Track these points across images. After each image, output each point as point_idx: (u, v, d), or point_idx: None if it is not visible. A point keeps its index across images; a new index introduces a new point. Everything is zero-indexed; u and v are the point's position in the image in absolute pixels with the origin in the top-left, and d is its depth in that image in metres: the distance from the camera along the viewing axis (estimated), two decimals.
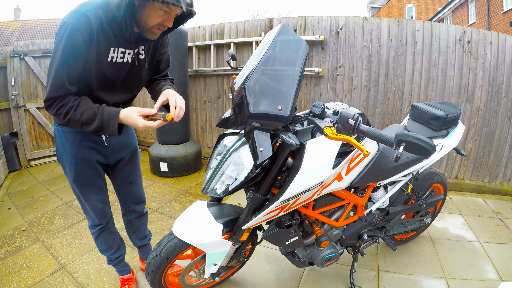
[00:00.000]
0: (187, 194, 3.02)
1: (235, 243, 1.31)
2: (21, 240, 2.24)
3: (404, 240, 2.13)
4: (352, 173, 1.31)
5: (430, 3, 20.59)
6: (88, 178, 1.37)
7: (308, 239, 1.42)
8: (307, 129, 1.22)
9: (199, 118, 4.11)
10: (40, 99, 3.95)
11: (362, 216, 1.57)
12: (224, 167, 1.15)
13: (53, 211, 2.68)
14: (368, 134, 0.95)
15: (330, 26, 3.12)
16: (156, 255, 1.32)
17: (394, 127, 1.88)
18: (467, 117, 2.91)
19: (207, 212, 1.27)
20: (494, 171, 3.00)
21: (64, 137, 1.29)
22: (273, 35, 1.08)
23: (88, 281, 1.81)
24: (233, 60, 1.59)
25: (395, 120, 3.11)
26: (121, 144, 1.45)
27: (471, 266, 1.94)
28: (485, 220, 2.53)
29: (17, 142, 3.82)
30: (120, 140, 1.44)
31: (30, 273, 1.88)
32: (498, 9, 11.15)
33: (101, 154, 1.38)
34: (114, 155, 1.44)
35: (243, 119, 1.04)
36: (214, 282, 1.66)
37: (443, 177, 1.98)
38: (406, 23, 2.90)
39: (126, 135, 1.48)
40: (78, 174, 1.33)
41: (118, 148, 1.44)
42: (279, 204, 1.10)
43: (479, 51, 2.77)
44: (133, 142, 1.54)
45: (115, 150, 1.43)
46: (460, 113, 1.72)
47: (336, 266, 1.92)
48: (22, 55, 3.73)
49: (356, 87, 3.15)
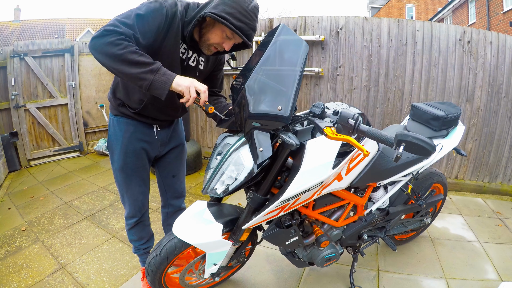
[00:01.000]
0: (187, 194, 3.02)
1: (235, 243, 1.31)
2: (21, 240, 2.24)
3: (404, 240, 2.13)
4: (352, 173, 1.31)
5: (430, 3, 20.59)
6: (134, 169, 1.42)
7: (308, 239, 1.42)
8: (307, 129, 1.22)
9: (199, 118, 4.11)
10: (40, 99, 3.96)
11: (362, 216, 1.57)
12: (224, 167, 1.15)
13: (53, 211, 2.68)
14: (368, 134, 0.95)
15: (330, 26, 3.11)
16: (156, 255, 1.32)
17: (394, 127, 1.88)
18: (467, 117, 2.91)
19: (207, 212, 1.27)
20: (494, 171, 3.00)
21: (118, 126, 1.37)
22: (273, 35, 1.08)
23: (88, 281, 1.81)
24: (233, 60, 1.58)
25: (395, 120, 3.10)
26: (170, 138, 1.53)
27: (471, 266, 1.94)
28: (485, 220, 2.53)
29: (17, 142, 3.82)
30: (169, 134, 1.52)
31: (30, 273, 1.88)
32: (498, 9, 11.15)
33: (150, 146, 1.44)
34: (162, 147, 1.51)
35: (243, 119, 1.04)
36: (214, 282, 1.66)
37: (443, 177, 1.98)
38: (406, 23, 2.90)
39: (174, 129, 1.56)
40: (126, 163, 1.40)
41: (167, 141, 1.52)
42: (279, 204, 1.10)
43: (479, 51, 2.77)
44: (181, 137, 1.62)
45: (164, 143, 1.51)
46: (460, 113, 1.72)
47: (336, 266, 1.92)
48: (22, 55, 3.73)
49: (356, 87, 3.15)
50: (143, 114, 1.36)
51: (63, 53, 4.02)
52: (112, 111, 1.39)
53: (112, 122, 1.39)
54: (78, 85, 4.21)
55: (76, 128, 4.27)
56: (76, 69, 4.15)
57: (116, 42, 1.00)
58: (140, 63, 1.02)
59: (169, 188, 1.66)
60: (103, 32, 1.02)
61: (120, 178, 1.44)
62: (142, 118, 1.37)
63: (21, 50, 3.75)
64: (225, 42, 1.20)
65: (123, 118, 1.36)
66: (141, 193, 1.50)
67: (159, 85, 1.04)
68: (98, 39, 1.01)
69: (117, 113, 1.37)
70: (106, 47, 1.01)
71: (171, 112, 1.42)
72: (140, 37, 1.08)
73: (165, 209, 1.73)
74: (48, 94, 4.01)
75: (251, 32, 1.15)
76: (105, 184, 3.28)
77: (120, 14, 1.09)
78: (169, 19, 1.14)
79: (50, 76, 4.00)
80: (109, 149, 1.43)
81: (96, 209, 2.73)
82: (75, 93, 4.18)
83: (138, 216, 1.54)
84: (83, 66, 4.26)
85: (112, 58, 1.02)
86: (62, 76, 4.08)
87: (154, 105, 1.33)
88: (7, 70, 3.69)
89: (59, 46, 3.99)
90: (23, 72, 3.79)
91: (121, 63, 1.02)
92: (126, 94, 1.32)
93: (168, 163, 1.59)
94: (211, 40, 1.20)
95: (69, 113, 4.18)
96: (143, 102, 1.30)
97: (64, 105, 4.14)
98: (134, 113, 1.34)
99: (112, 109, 1.39)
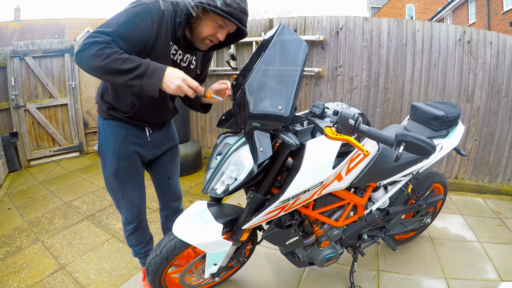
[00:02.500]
0: (187, 194, 3.02)
1: (235, 243, 1.31)
2: (21, 240, 2.24)
3: (404, 240, 2.13)
4: (352, 173, 1.31)
5: (430, 3, 20.59)
6: (128, 173, 1.38)
7: (308, 239, 1.42)
8: (307, 129, 1.22)
9: (199, 118, 4.11)
10: (40, 99, 3.96)
11: (362, 216, 1.57)
12: (224, 167, 1.15)
13: (53, 211, 2.68)
14: (368, 134, 0.95)
15: (330, 26, 3.12)
16: (156, 255, 1.32)
17: (394, 127, 1.88)
18: (467, 117, 2.91)
19: (207, 212, 1.27)
20: (494, 171, 3.00)
21: (108, 130, 1.31)
22: (273, 35, 1.08)
23: (88, 281, 1.81)
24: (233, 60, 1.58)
25: (395, 120, 3.10)
26: (163, 140, 1.49)
27: (471, 266, 1.94)
28: (485, 220, 2.53)
29: (17, 142, 3.82)
30: (162, 136, 1.48)
31: (30, 273, 1.88)
32: (498, 9, 11.15)
33: (143, 149, 1.40)
34: (156, 150, 1.47)
35: (243, 119, 1.04)
36: (214, 282, 1.66)
37: (443, 177, 1.98)
38: (406, 23, 2.90)
39: (167, 130, 1.51)
40: (120, 168, 1.34)
41: (160, 143, 1.48)
42: (279, 204, 1.10)
43: (479, 51, 2.77)
44: (174, 138, 1.58)
45: (157, 145, 1.46)
46: (460, 113, 1.72)
47: (336, 266, 1.92)
48: (22, 55, 3.73)
49: (356, 87, 3.15)
50: (135, 118, 1.32)
51: (63, 53, 4.01)
52: (101, 115, 1.33)
53: (102, 126, 1.33)
54: (78, 85, 4.21)
55: (76, 128, 4.27)
56: (76, 69, 4.15)
57: (97, 54, 0.97)
58: (124, 71, 0.99)
59: (165, 190, 1.63)
60: (84, 45, 0.99)
61: (114, 184, 1.38)
62: (134, 121, 1.33)
63: (21, 50, 3.74)
64: (218, 31, 1.16)
65: (114, 122, 1.31)
66: (138, 198, 1.45)
67: (149, 88, 1.02)
68: (81, 53, 1.00)
69: (107, 116, 1.31)
70: (89, 60, 0.99)
71: (163, 114, 1.40)
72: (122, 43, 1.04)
73: (164, 212, 1.70)
74: (48, 94, 4.01)
75: (242, 15, 1.10)
76: (105, 184, 3.28)
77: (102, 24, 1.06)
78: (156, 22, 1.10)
79: (50, 76, 4.00)
80: (100, 155, 1.37)
81: (96, 209, 2.73)
82: (75, 93, 4.18)
83: (136, 222, 1.49)
84: None
85: (97, 71, 1.01)
86: (62, 76, 4.08)
87: (146, 108, 1.29)
88: (7, 70, 3.69)
89: (59, 46, 3.99)
90: (23, 72, 3.79)
91: (106, 74, 1.00)
92: (116, 98, 1.27)
93: (163, 165, 1.55)
94: (204, 33, 1.16)
95: (69, 113, 4.18)
96: (135, 105, 1.27)
97: (64, 105, 4.14)
98: (126, 116, 1.29)
99: (101, 112, 1.33)
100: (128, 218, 1.48)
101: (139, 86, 1.01)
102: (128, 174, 1.38)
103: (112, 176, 1.36)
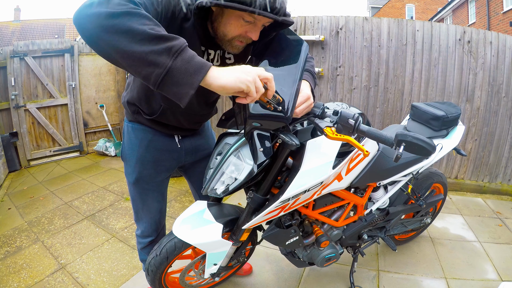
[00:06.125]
0: (187, 194, 3.02)
1: (235, 243, 1.31)
2: (21, 240, 2.24)
3: (404, 240, 2.13)
4: (352, 173, 1.31)
5: (430, 3, 20.59)
6: (151, 182, 1.25)
7: (308, 239, 1.41)
8: (307, 129, 1.22)
9: None
10: (40, 99, 3.96)
11: (362, 216, 1.57)
12: (224, 167, 1.15)
13: (53, 211, 2.68)
14: (368, 134, 0.95)
15: (330, 26, 3.11)
16: (156, 255, 1.32)
17: (394, 127, 1.88)
18: (467, 117, 2.91)
19: (207, 212, 1.27)
20: (494, 171, 3.00)
21: (133, 134, 1.18)
22: (273, 35, 1.08)
23: (88, 281, 1.81)
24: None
25: (395, 120, 3.10)
26: (195, 146, 1.31)
27: (471, 266, 1.94)
28: (485, 220, 2.53)
29: (17, 142, 3.82)
30: (196, 141, 1.30)
31: (30, 273, 1.88)
32: (498, 9, 11.15)
33: (172, 156, 1.24)
34: (188, 157, 1.31)
35: (243, 119, 1.04)
36: (214, 282, 1.66)
37: (443, 177, 1.98)
38: (406, 23, 2.90)
39: (201, 136, 1.33)
40: (142, 176, 1.21)
41: (193, 150, 1.30)
42: (279, 204, 1.10)
43: (479, 51, 2.77)
44: (209, 144, 1.38)
45: (189, 152, 1.30)
46: (460, 113, 1.71)
47: (336, 266, 1.92)
48: (22, 55, 3.73)
49: (356, 87, 3.15)
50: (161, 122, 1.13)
51: (63, 53, 4.02)
52: (127, 117, 1.21)
53: (127, 129, 1.20)
54: (78, 85, 4.21)
55: (76, 128, 4.27)
56: (76, 69, 4.15)
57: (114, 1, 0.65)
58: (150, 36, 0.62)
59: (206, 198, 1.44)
60: None
61: (135, 193, 1.26)
62: (159, 127, 1.15)
63: (21, 50, 3.75)
64: (248, 30, 0.89)
65: (139, 125, 1.17)
66: (158, 211, 1.33)
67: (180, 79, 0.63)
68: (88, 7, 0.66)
69: (132, 119, 1.18)
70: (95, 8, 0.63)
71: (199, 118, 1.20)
72: None
73: None
74: (48, 94, 4.01)
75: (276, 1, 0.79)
76: (105, 184, 3.28)
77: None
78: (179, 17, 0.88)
79: (50, 76, 4.00)
80: (123, 159, 1.25)
81: (96, 209, 2.73)
82: (75, 93, 4.18)
83: (153, 236, 1.38)
84: (83, 66, 4.26)
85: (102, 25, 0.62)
86: (62, 76, 4.08)
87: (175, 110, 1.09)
88: (7, 70, 3.69)
89: (59, 46, 3.99)
90: (23, 72, 3.79)
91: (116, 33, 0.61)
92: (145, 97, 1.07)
93: (199, 172, 1.35)
94: (230, 34, 0.91)
95: (69, 113, 4.18)
96: (161, 106, 1.07)
97: (64, 105, 4.14)
98: (150, 119, 1.12)
99: (126, 114, 1.21)
100: (146, 231, 1.37)
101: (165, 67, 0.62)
102: (150, 183, 1.25)
103: (133, 184, 1.24)
